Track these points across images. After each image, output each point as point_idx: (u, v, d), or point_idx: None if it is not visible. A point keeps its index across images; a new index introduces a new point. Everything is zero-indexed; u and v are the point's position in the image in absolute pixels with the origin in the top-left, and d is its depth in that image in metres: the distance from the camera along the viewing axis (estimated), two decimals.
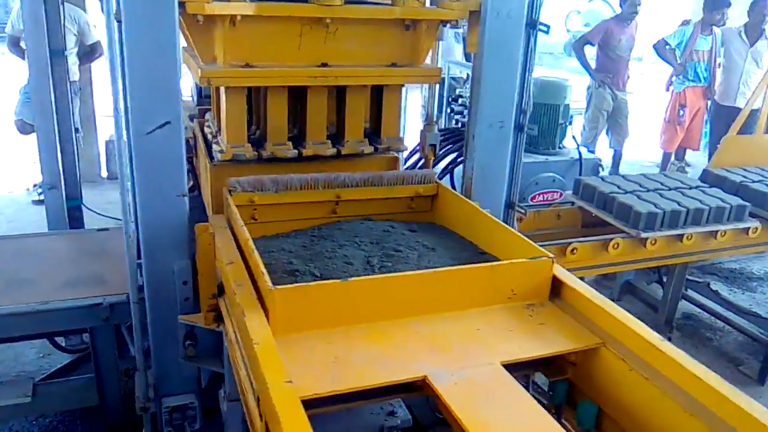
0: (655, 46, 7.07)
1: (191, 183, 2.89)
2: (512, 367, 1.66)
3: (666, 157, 7.46)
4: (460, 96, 5.62)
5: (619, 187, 4.06)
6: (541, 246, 2.05)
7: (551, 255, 2.00)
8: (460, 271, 1.92)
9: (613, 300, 1.98)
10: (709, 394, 1.47)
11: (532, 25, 2.61)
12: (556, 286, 2.02)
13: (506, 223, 2.67)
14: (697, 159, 7.95)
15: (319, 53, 2.54)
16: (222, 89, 2.49)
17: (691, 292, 4.45)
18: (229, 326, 2.01)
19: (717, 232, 3.90)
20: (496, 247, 2.25)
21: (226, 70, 2.40)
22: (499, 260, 2.10)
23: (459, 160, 3.67)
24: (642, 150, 8.53)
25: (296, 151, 2.64)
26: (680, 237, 3.80)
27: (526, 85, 2.70)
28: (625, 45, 6.67)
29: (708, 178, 4.76)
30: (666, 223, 3.76)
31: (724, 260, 5.20)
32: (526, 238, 2.13)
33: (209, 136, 2.82)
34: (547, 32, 2.54)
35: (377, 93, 2.77)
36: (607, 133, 7.22)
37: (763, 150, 4.93)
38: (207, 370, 2.49)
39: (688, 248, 3.88)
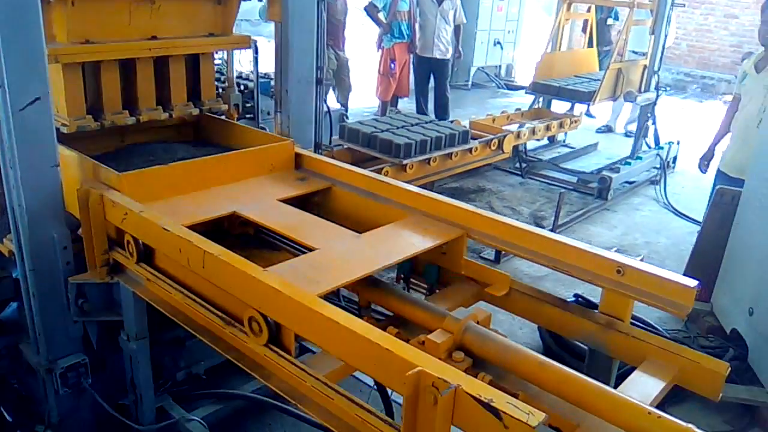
0: (365, 9, 8.07)
1: None
2: (284, 201, 2.64)
3: (383, 105, 8.63)
4: None
5: (375, 128, 4.91)
6: None
7: (292, 139, 2.98)
8: (238, 153, 2.80)
9: None
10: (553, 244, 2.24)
11: None
12: (298, 160, 3.02)
13: None
14: (407, 106, 9.31)
15: (147, 28, 2.84)
16: (59, 66, 2.64)
17: None
18: (138, 269, 2.32)
19: (452, 153, 4.99)
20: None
21: (70, 47, 2.57)
22: None
23: None
24: (360, 101, 9.65)
25: (134, 118, 2.91)
26: (428, 160, 4.80)
27: (319, 45, 3.29)
28: (341, 9, 7.57)
29: (537, 87, 7.19)
30: (418, 150, 4.72)
31: (448, 181, 6.43)
32: (270, 133, 3.15)
33: None
34: (334, 2, 3.14)
35: (193, 61, 3.13)
36: (333, 90, 8.15)
37: (564, 62, 7.80)
38: (94, 328, 2.70)
39: (435, 169, 4.92)
